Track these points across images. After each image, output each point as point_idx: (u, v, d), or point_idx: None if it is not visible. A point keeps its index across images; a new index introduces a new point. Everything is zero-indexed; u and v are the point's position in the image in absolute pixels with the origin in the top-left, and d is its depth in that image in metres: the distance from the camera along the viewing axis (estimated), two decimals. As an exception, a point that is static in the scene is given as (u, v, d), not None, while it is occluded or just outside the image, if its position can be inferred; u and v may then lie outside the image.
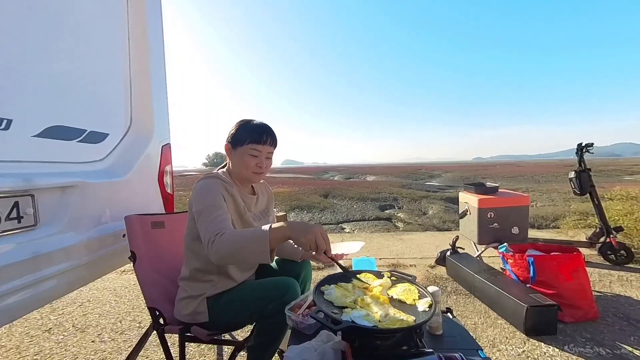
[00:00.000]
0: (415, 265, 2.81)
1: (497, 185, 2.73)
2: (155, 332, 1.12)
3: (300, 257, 1.20)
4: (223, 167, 1.13)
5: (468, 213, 2.60)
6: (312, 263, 2.78)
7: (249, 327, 1.14)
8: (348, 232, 5.11)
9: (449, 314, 1.07)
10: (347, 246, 1.20)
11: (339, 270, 1.32)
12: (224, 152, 1.07)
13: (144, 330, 1.78)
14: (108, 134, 1.30)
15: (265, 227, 0.81)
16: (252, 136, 1.00)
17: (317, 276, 2.52)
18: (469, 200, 2.59)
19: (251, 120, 1.05)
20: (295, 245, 1.22)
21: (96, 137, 1.24)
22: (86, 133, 1.18)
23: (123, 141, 1.38)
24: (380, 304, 0.85)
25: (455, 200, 6.95)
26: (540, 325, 1.62)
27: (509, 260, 2.06)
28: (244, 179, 1.06)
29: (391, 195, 9.08)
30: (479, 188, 2.65)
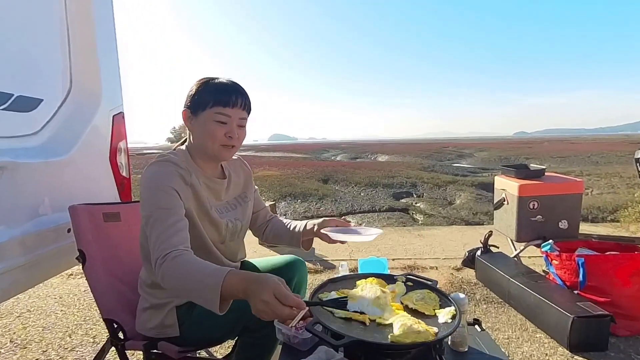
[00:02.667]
0: (436, 268, 2.87)
1: (543, 167, 2.73)
2: (113, 348, 1.15)
3: (307, 244, 1.16)
4: (182, 143, 1.10)
5: (505, 203, 2.62)
6: (308, 264, 2.83)
7: (230, 342, 1.17)
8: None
9: (476, 327, 1.11)
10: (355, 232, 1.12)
11: (342, 272, 1.34)
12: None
13: (99, 346, 1.83)
14: (42, 100, 1.27)
15: (224, 272, 0.77)
16: (218, 97, 0.97)
17: (314, 280, 2.57)
18: (507, 186, 2.61)
19: (215, 78, 1.01)
20: (295, 228, 1.16)
21: (26, 104, 1.21)
22: (13, 99, 1.15)
23: (62, 109, 1.36)
24: (392, 314, 0.88)
25: (489, 187, 7.01)
26: (588, 339, 1.68)
27: (553, 261, 2.11)
28: (211, 155, 1.02)
29: (409, 180, 9.12)
30: (520, 171, 2.66)
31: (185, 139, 1.10)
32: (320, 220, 1.13)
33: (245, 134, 1.04)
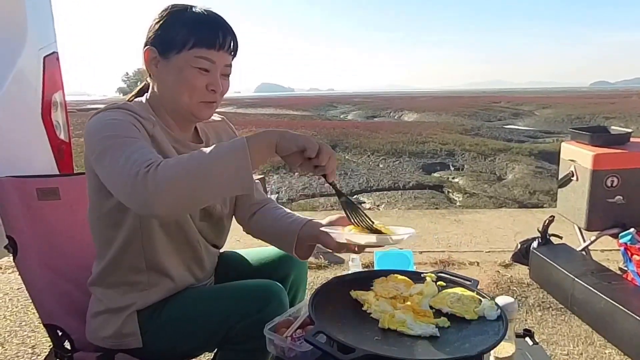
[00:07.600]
0: (477, 264, 2.91)
1: (628, 131, 2.69)
2: (58, 361, 1.20)
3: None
4: (139, 93, 1.10)
5: (574, 178, 2.61)
6: (310, 259, 2.87)
7: (208, 355, 1.22)
8: (369, 210, 5.20)
9: (527, 339, 1.14)
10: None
11: (353, 269, 1.36)
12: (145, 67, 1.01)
13: (40, 358, 1.91)
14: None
15: (243, 138, 0.85)
16: (200, 34, 0.96)
17: (315, 279, 2.62)
18: (577, 156, 2.59)
19: (189, 6, 1.00)
20: (291, 223, 1.12)
21: None
22: None
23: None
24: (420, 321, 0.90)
25: (553, 157, 6.96)
26: (673, 357, 1.73)
27: (634, 256, 2.12)
28: (185, 114, 1.02)
29: (444, 148, 9.07)
30: (596, 136, 2.62)
31: (142, 88, 1.09)
32: (326, 219, 1.10)
33: (229, 86, 1.04)
